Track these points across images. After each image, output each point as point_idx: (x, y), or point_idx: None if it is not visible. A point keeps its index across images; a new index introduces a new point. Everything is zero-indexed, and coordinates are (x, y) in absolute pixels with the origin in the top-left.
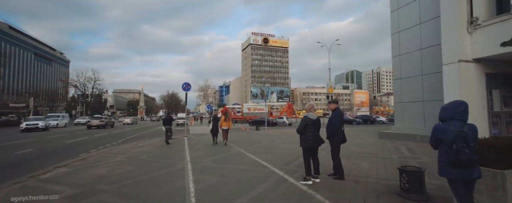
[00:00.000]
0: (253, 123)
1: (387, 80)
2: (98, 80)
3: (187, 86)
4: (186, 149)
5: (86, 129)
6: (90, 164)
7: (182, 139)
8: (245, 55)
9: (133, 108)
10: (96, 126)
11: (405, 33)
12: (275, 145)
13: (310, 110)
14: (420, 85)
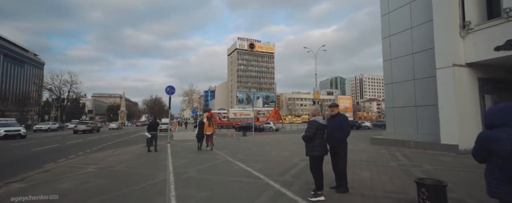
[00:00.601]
0: (240, 128)
1: (369, 87)
2: (75, 83)
3: (171, 90)
4: (168, 158)
5: (73, 133)
6: (53, 177)
7: (164, 146)
8: (231, 60)
9: (114, 113)
10: (82, 131)
11: (396, 37)
12: (265, 152)
13: (317, 114)
14: (412, 89)
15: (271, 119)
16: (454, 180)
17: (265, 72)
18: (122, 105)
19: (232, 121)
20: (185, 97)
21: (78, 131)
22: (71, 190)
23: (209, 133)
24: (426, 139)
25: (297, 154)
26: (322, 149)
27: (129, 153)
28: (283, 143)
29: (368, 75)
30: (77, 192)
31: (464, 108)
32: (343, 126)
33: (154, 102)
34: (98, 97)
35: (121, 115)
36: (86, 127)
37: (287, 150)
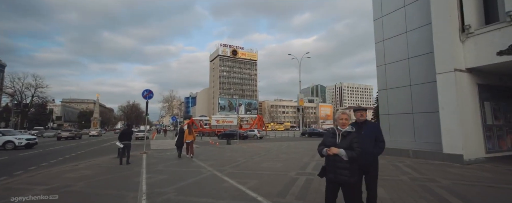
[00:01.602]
0: (223, 136)
1: (348, 95)
2: (41, 87)
3: (148, 94)
4: (142, 172)
5: (57, 140)
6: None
7: (139, 157)
8: (214, 66)
9: (86, 120)
10: (65, 137)
11: (390, 42)
12: (256, 164)
13: (344, 120)
14: (408, 96)
15: (255, 126)
16: (491, 200)
17: (248, 79)
18: (96, 111)
19: (214, 128)
20: (164, 104)
21: (61, 138)
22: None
23: (189, 141)
24: (426, 148)
25: (291, 166)
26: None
27: (95, 166)
28: (272, 152)
29: (347, 84)
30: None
31: (466, 116)
32: (378, 137)
33: (131, 108)
34: (69, 103)
35: (94, 122)
36: (69, 134)
37: (279, 161)
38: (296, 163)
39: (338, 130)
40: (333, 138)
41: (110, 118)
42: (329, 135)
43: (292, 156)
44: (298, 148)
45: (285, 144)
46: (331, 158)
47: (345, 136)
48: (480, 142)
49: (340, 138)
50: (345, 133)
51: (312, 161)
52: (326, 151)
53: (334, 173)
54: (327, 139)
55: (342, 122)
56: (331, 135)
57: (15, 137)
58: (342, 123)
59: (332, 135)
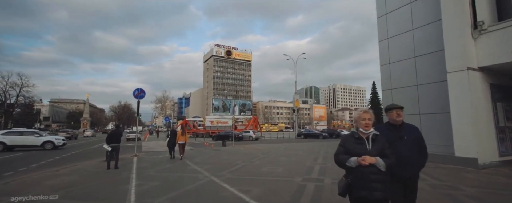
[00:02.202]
0: (218, 137)
1: (342, 96)
2: (27, 86)
3: (140, 93)
4: (132, 179)
5: None
6: None
7: (130, 160)
8: (207, 66)
9: (75, 120)
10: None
11: (395, 40)
12: (255, 168)
13: (368, 120)
14: (414, 96)
15: (250, 127)
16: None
17: (242, 79)
18: (86, 111)
19: (208, 129)
20: (157, 104)
21: None
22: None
23: (182, 142)
24: (435, 151)
25: (295, 171)
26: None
27: (79, 171)
28: (271, 155)
29: (341, 85)
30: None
31: (480, 117)
32: (421, 142)
33: (123, 109)
34: (57, 103)
35: (84, 122)
36: (66, 134)
37: (280, 164)
38: (299, 167)
39: (362, 133)
40: (361, 144)
41: (101, 119)
42: (352, 141)
43: (292, 159)
44: (297, 150)
45: (283, 146)
46: (364, 170)
47: (374, 141)
48: (493, 145)
49: (370, 143)
50: (374, 136)
51: (315, 165)
52: (357, 161)
53: (369, 189)
54: (352, 146)
55: (365, 123)
56: (355, 140)
57: (55, 137)
58: (365, 124)
59: (357, 140)
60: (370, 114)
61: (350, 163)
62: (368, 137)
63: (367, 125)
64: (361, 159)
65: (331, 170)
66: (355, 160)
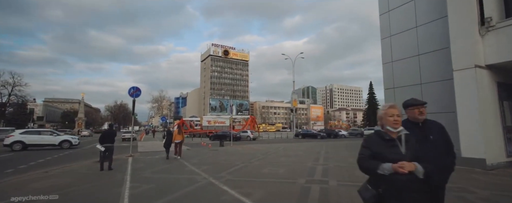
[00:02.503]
0: (215, 137)
1: (338, 96)
2: (19, 85)
3: (136, 92)
4: (126, 181)
5: None
6: None
7: (124, 160)
8: (205, 66)
9: (70, 120)
10: None
11: (398, 37)
12: (255, 169)
13: (397, 117)
14: (418, 95)
15: (248, 127)
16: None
17: (239, 79)
18: (81, 111)
19: (205, 129)
20: (154, 104)
21: None
22: None
23: (178, 141)
24: None
25: (297, 173)
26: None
27: (70, 173)
28: (270, 155)
29: (338, 85)
30: None
31: (487, 117)
32: (449, 143)
33: (119, 108)
34: (51, 102)
35: (79, 122)
36: (65, 134)
37: (281, 165)
38: (301, 169)
39: (391, 133)
40: (392, 146)
41: (96, 119)
42: (381, 142)
43: (293, 159)
44: (296, 150)
45: (282, 146)
46: (401, 179)
47: (407, 142)
48: (500, 145)
49: (403, 144)
50: (406, 136)
51: (317, 166)
52: (392, 168)
53: (407, 200)
54: (381, 149)
55: (394, 120)
56: (385, 142)
57: (72, 137)
58: (394, 121)
59: (389, 142)
60: (397, 109)
61: (383, 171)
62: (400, 138)
63: (396, 122)
64: (398, 166)
65: (334, 171)
66: (389, 167)
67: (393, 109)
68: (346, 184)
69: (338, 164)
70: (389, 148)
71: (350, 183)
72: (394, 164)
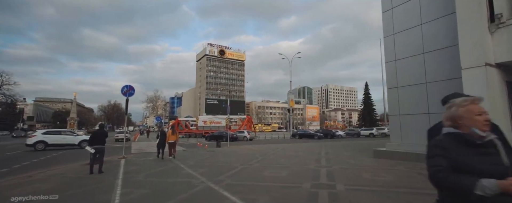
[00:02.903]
0: (211, 137)
1: (334, 97)
2: (8, 84)
3: (129, 90)
4: (117, 186)
5: None
6: None
7: (116, 163)
8: (200, 66)
9: (62, 120)
10: None
11: (402, 35)
12: (256, 171)
13: (485, 115)
14: (423, 94)
15: (244, 127)
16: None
17: (235, 79)
18: (73, 111)
19: (201, 129)
20: (148, 104)
21: None
22: None
23: (172, 141)
24: None
25: (301, 176)
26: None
27: (56, 177)
28: (270, 156)
29: (333, 86)
30: None
31: (496, 117)
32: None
33: (113, 108)
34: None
35: (71, 122)
36: None
37: (282, 167)
38: (304, 171)
39: (480, 137)
40: (487, 155)
41: (89, 119)
42: (464, 149)
43: (294, 161)
44: (296, 151)
45: (280, 147)
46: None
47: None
48: None
49: (502, 152)
50: (498, 141)
51: (321, 168)
52: (500, 185)
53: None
54: (469, 157)
55: (485, 120)
56: (474, 148)
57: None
58: (484, 122)
59: (479, 148)
60: (473, 103)
61: (483, 190)
62: (493, 143)
63: (486, 124)
64: (510, 184)
65: (340, 174)
66: (494, 185)
67: (477, 105)
68: (355, 189)
69: (342, 167)
70: (482, 156)
71: (359, 187)
72: (501, 180)
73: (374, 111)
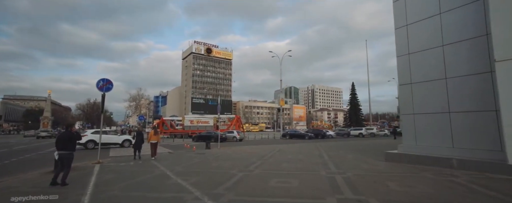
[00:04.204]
0: (199, 138)
1: (320, 97)
2: None
3: (106, 84)
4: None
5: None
6: None
7: (89, 170)
8: (186, 64)
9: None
10: (43, 137)
11: (417, 26)
12: (260, 180)
13: None
14: (443, 91)
15: (233, 127)
16: None
17: (222, 78)
18: (47, 109)
19: (187, 129)
20: (131, 103)
21: (40, 137)
22: None
23: (154, 141)
24: (473, 157)
25: (316, 186)
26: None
27: (8, 190)
28: (268, 160)
29: (319, 86)
30: None
31: None
32: None
33: (92, 107)
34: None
35: (44, 122)
36: (47, 134)
37: (289, 174)
38: (317, 180)
39: None
40: None
41: (66, 118)
42: None
43: (298, 166)
44: (294, 153)
45: (275, 148)
46: None
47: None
48: None
49: None
50: None
51: (335, 175)
52: None
53: None
54: None
55: None
56: None
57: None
58: None
59: None
60: None
61: None
62: None
63: None
64: None
65: (362, 183)
66: None
67: None
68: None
69: (357, 173)
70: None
71: (396, 202)
72: None
73: (360, 111)
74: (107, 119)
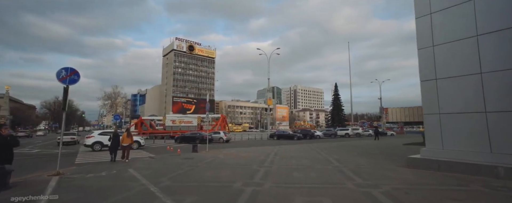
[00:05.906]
0: (182, 139)
1: (302, 97)
2: None
3: (70, 75)
4: None
5: None
6: None
7: (41, 186)
8: (167, 61)
9: None
10: (20, 136)
11: (444, 14)
12: (278, 198)
13: None
14: (477, 87)
15: (218, 127)
16: None
17: (205, 77)
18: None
19: (169, 130)
20: (106, 101)
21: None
22: None
23: (126, 144)
24: None
25: None
26: None
27: None
28: (271, 167)
29: (301, 87)
30: None
31: None
32: None
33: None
34: None
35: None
36: (24, 134)
37: (311, 188)
38: (355, 199)
39: None
40: None
41: (29, 117)
42: None
43: (313, 175)
44: (296, 158)
45: (272, 151)
46: None
47: None
48: None
49: None
50: None
51: (370, 189)
52: None
53: None
54: None
55: None
56: None
57: (140, 138)
58: None
59: None
60: None
61: None
62: None
63: None
64: None
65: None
66: None
67: None
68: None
69: (394, 186)
70: None
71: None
72: None
73: (343, 112)
74: (79, 118)
